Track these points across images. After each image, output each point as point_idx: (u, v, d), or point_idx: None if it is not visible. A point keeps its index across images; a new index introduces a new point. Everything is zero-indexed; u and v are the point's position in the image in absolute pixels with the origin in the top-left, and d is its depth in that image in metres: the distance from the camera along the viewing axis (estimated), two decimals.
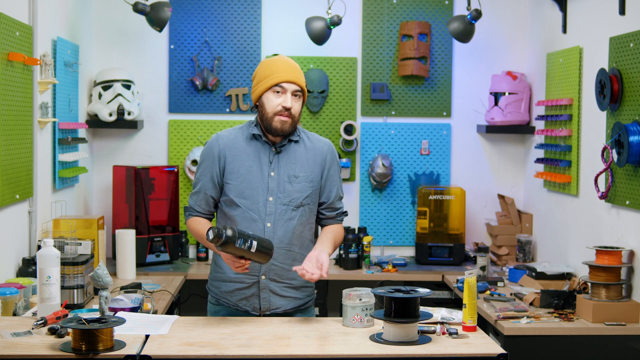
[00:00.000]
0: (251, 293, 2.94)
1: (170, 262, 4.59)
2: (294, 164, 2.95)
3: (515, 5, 5.04)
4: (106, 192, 4.88)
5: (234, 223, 2.92)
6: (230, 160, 2.94)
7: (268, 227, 2.91)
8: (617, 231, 3.69)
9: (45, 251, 2.82)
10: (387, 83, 5.01)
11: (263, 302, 2.93)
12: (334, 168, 3.03)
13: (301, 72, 2.97)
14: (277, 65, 2.92)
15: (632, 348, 3.35)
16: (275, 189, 2.92)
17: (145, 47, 4.93)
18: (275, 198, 2.92)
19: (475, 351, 2.52)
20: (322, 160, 3.00)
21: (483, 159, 5.09)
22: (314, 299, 3.09)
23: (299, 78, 2.92)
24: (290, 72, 2.91)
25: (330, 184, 3.02)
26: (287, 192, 2.92)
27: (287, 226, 2.92)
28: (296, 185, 2.93)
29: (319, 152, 3.00)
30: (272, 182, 2.92)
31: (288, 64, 2.94)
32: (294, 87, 2.90)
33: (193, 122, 4.94)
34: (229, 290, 2.95)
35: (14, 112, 3.41)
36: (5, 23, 3.28)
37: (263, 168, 2.93)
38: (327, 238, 2.96)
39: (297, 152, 2.97)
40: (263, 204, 2.91)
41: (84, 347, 2.40)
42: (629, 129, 3.43)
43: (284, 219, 2.92)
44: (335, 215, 3.05)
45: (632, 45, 3.51)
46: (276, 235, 2.91)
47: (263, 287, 2.93)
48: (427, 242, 4.77)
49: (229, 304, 2.97)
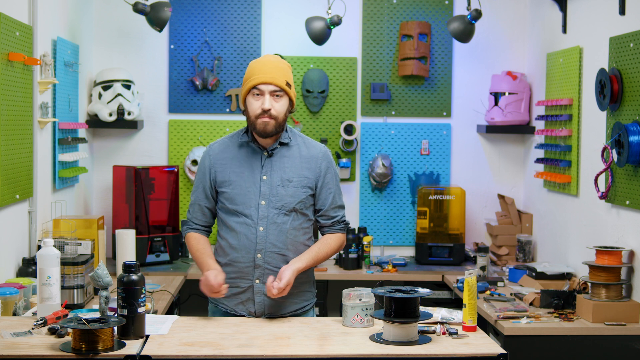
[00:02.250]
0: (246, 297, 2.94)
1: (170, 262, 4.59)
2: (287, 168, 2.94)
3: (515, 5, 5.04)
4: (106, 192, 4.88)
5: (230, 230, 2.94)
6: (220, 170, 2.96)
7: (260, 231, 2.90)
8: (617, 231, 3.68)
9: (45, 251, 2.82)
10: (387, 83, 5.01)
11: (258, 307, 2.93)
12: (330, 176, 3.00)
13: (283, 70, 2.90)
14: (255, 67, 2.90)
15: (632, 348, 3.35)
16: (268, 192, 2.92)
17: (145, 47, 4.93)
18: (268, 202, 2.91)
19: (475, 351, 2.52)
20: (316, 167, 2.97)
21: (483, 159, 5.09)
22: (313, 303, 3.09)
23: (276, 78, 2.87)
24: (266, 72, 2.87)
25: (325, 192, 2.99)
26: (279, 195, 2.92)
27: (280, 230, 2.91)
28: (289, 190, 2.92)
29: (314, 158, 2.98)
30: (264, 186, 2.92)
31: (266, 64, 2.90)
32: (271, 87, 2.87)
33: (193, 122, 4.94)
34: (225, 295, 2.95)
35: (14, 112, 3.41)
36: (5, 23, 3.28)
37: (254, 172, 2.93)
38: (310, 251, 2.95)
39: (290, 156, 2.96)
40: (255, 208, 2.91)
41: (84, 347, 2.40)
42: (629, 129, 3.43)
43: (277, 222, 2.91)
44: (331, 224, 3.02)
45: (632, 45, 3.51)
46: (269, 239, 2.91)
47: (257, 291, 2.93)
48: (427, 242, 4.77)
49: (227, 308, 2.98)
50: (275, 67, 2.90)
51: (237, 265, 2.93)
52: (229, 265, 2.94)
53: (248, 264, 2.91)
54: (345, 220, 3.05)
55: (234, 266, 2.93)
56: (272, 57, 2.98)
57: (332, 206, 3.00)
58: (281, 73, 2.89)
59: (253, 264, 2.91)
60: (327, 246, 2.99)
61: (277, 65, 2.91)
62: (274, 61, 2.92)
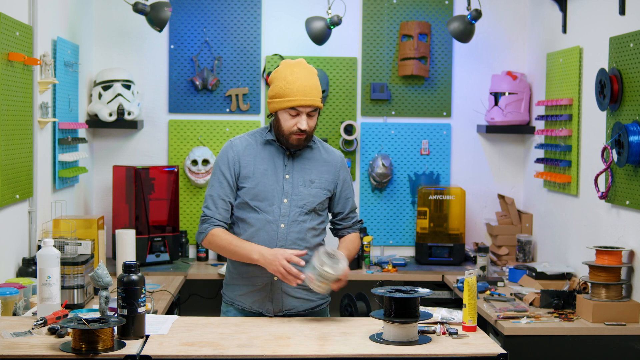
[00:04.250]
0: (265, 295, 2.95)
1: (170, 262, 4.59)
2: (309, 169, 2.99)
3: (515, 5, 5.04)
4: (106, 192, 4.88)
5: (248, 226, 2.95)
6: (245, 165, 2.97)
7: (282, 228, 2.93)
8: (617, 231, 3.68)
9: (45, 251, 2.82)
10: (387, 83, 5.01)
11: (276, 304, 2.95)
12: (348, 180, 3.10)
13: (318, 87, 2.92)
14: (294, 86, 2.88)
15: (632, 348, 3.35)
16: (290, 191, 2.95)
17: (145, 47, 4.93)
18: (290, 200, 2.95)
19: (475, 351, 2.52)
20: (335, 171, 3.04)
21: (483, 159, 5.09)
22: (329, 302, 3.11)
23: (315, 99, 2.89)
24: (306, 94, 2.88)
25: (345, 195, 3.08)
26: (301, 195, 2.96)
27: (300, 228, 2.95)
28: (312, 190, 2.97)
29: (333, 163, 3.05)
30: (287, 185, 2.96)
31: (305, 82, 2.89)
32: (309, 108, 2.90)
33: (193, 122, 4.94)
34: (243, 292, 2.98)
35: (14, 112, 3.41)
36: (5, 23, 3.28)
37: (278, 171, 2.96)
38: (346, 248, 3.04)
39: (312, 158, 3.01)
40: (278, 206, 2.94)
41: (84, 347, 2.40)
42: (629, 129, 3.43)
43: (298, 221, 2.95)
44: (352, 224, 3.12)
45: (632, 45, 3.51)
46: (289, 236, 2.94)
47: (276, 288, 2.94)
48: (427, 242, 4.77)
49: (244, 306, 2.99)
50: (314, 86, 2.91)
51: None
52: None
53: None
54: (361, 220, 3.21)
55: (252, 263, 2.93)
56: (308, 72, 2.95)
57: (351, 209, 3.11)
58: (318, 91, 2.92)
59: None
60: (355, 244, 3.12)
61: (315, 83, 2.92)
62: (312, 78, 2.92)
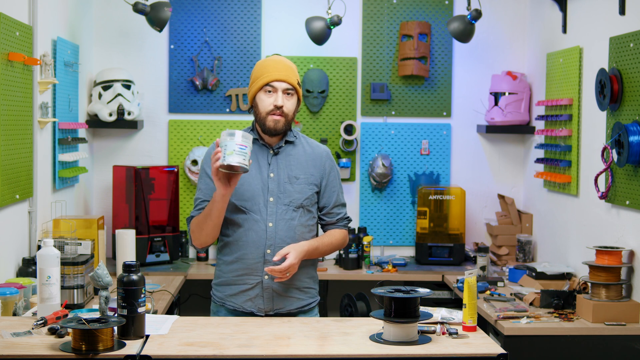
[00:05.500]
0: (255, 294, 2.95)
1: (170, 262, 4.59)
2: (293, 166, 2.98)
3: (515, 5, 5.04)
4: (106, 192, 4.88)
5: (236, 226, 2.94)
6: None
7: (270, 227, 2.92)
8: (617, 231, 3.69)
9: (45, 251, 2.82)
10: (387, 83, 5.01)
11: (267, 303, 2.94)
12: (334, 174, 3.06)
13: (294, 70, 2.97)
14: (268, 65, 2.95)
15: (632, 348, 3.35)
16: (276, 189, 2.94)
17: (145, 47, 4.93)
18: (276, 198, 2.94)
19: (475, 351, 2.52)
20: (321, 165, 3.03)
21: (483, 159, 5.09)
22: (318, 301, 3.11)
23: (290, 76, 2.93)
24: (280, 70, 2.92)
25: (330, 190, 3.04)
26: (287, 192, 2.95)
27: (289, 226, 2.94)
28: (297, 186, 2.96)
29: (318, 157, 3.03)
30: (271, 183, 2.94)
31: (279, 62, 2.96)
32: (284, 85, 2.92)
33: (193, 122, 4.94)
34: (233, 293, 2.96)
35: (14, 112, 3.41)
36: (5, 23, 3.28)
37: (262, 170, 2.95)
38: (317, 239, 3.00)
39: (296, 154, 3.00)
40: (264, 205, 2.93)
41: (84, 347, 2.40)
42: (629, 129, 3.43)
43: (285, 219, 2.94)
44: (336, 221, 3.07)
45: (632, 45, 3.51)
46: (278, 235, 2.92)
47: (266, 287, 2.94)
48: (427, 242, 4.77)
49: (235, 306, 2.98)
50: (287, 66, 2.96)
51: (245, 262, 2.93)
52: (237, 262, 2.94)
53: (257, 260, 2.92)
54: (348, 217, 3.11)
55: (242, 262, 2.94)
56: (281, 57, 3.03)
57: (336, 204, 3.06)
58: (293, 72, 2.96)
59: (262, 259, 2.91)
60: (332, 237, 3.04)
61: (288, 65, 2.97)
62: (285, 61, 2.98)
